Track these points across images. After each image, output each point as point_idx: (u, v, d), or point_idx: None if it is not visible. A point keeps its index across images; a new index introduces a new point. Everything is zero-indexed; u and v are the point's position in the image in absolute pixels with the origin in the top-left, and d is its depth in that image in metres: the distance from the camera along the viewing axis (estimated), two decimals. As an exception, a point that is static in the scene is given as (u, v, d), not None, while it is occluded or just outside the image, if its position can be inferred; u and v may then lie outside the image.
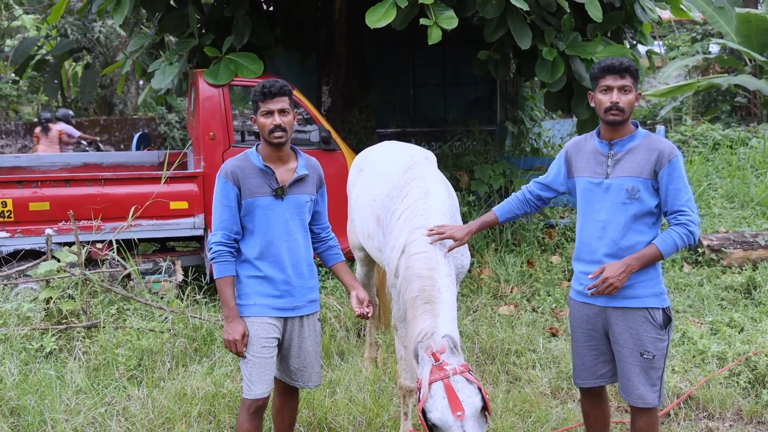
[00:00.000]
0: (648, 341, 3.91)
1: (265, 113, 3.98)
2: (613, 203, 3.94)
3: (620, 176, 3.92)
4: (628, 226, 3.91)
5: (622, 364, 3.98)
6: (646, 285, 3.95)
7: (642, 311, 3.93)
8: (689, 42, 21.91)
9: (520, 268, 8.48)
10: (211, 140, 7.93)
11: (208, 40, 8.60)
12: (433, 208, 4.44)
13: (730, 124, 18.60)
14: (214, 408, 5.24)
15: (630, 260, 3.87)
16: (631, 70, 3.89)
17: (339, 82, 10.16)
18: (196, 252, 8.49)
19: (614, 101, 3.87)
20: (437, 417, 3.59)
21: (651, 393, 3.95)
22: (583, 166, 4.08)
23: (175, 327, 6.45)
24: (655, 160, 3.86)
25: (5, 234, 7.44)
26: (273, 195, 4.02)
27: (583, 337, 4.15)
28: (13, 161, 9.24)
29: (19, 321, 6.36)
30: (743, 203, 11.39)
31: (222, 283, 4.02)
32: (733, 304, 7.58)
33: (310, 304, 4.19)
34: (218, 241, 4.01)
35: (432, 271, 4.13)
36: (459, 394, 3.61)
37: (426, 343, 3.79)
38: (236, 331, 3.96)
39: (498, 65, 8.66)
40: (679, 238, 3.85)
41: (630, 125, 4.00)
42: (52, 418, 4.98)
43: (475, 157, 10.51)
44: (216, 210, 4.04)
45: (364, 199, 5.28)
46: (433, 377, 3.67)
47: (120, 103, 19.04)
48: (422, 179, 4.62)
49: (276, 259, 4.04)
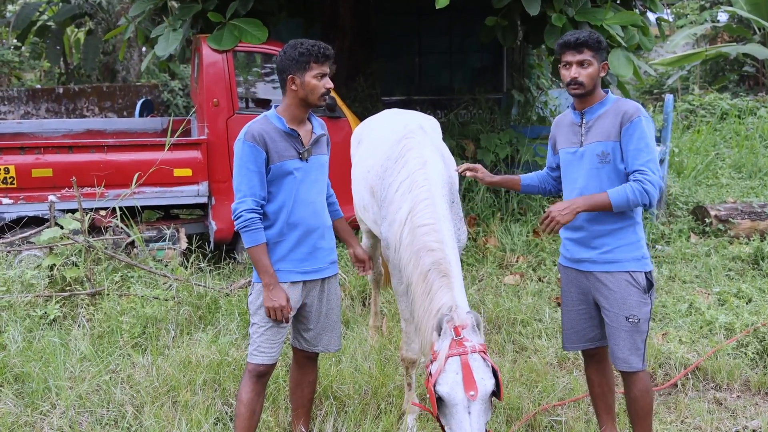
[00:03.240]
0: (633, 304, 4.00)
1: (319, 75, 3.88)
2: (588, 169, 4.06)
3: (592, 142, 4.05)
4: (603, 189, 3.98)
5: (609, 328, 4.07)
6: (627, 249, 4.04)
7: (624, 275, 4.02)
8: (698, 10, 21.67)
9: (525, 238, 8.43)
10: (214, 107, 7.85)
11: (211, 6, 8.48)
12: (433, 179, 4.37)
13: (739, 93, 18.47)
14: (218, 376, 5.22)
15: (577, 200, 3.97)
16: (588, 43, 4.01)
17: (344, 49, 10.05)
18: (200, 219, 8.45)
19: (573, 76, 4.04)
20: (446, 391, 3.52)
21: (635, 357, 4.02)
22: (563, 138, 4.25)
23: (179, 295, 6.42)
24: (619, 122, 3.98)
25: (8, 201, 7.41)
26: (299, 157, 3.95)
27: (572, 301, 4.26)
28: (15, 127, 9.18)
29: (23, 288, 6.33)
30: (751, 173, 11.33)
31: (257, 252, 3.90)
32: (741, 274, 7.54)
33: (331, 265, 4.16)
34: (249, 208, 3.86)
35: (441, 243, 4.07)
36: (474, 372, 3.54)
37: (450, 316, 3.71)
38: (280, 297, 3.88)
39: (505, 32, 8.56)
40: (632, 193, 3.87)
41: (599, 93, 4.13)
42: (57, 386, 4.96)
43: (481, 126, 10.43)
44: (242, 175, 3.88)
45: (359, 171, 5.22)
46: (451, 351, 3.59)
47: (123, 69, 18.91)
48: (418, 149, 4.53)
49: (300, 222, 3.97)
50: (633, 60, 8.03)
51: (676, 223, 9.08)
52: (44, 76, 21.65)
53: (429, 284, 3.94)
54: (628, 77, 8.34)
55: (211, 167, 7.89)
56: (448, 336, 3.64)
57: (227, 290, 6.67)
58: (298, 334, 4.21)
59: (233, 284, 6.88)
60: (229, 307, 6.34)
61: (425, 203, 4.23)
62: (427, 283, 3.95)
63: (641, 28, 8.37)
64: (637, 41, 8.28)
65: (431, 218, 4.17)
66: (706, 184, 10.98)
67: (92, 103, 15.89)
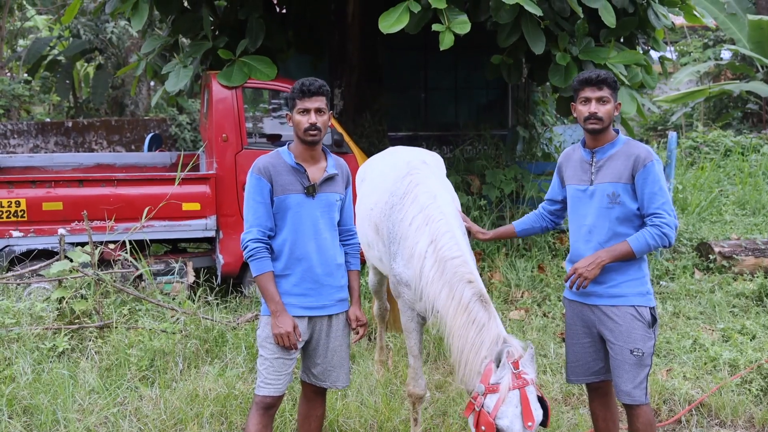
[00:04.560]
0: (638, 338, 4.07)
1: (301, 111, 3.99)
2: (597, 208, 4.14)
3: (602, 182, 4.13)
4: (612, 229, 4.10)
5: (613, 361, 4.13)
6: (632, 284, 4.13)
7: (630, 309, 4.10)
8: (701, 48, 21.87)
9: (530, 273, 8.47)
10: (223, 142, 7.95)
11: (221, 43, 8.62)
12: (447, 212, 4.47)
13: (742, 130, 18.55)
14: (225, 409, 5.25)
15: (601, 253, 4.07)
16: (608, 81, 4.11)
17: (351, 85, 10.18)
18: (208, 253, 8.51)
19: (592, 111, 4.10)
20: (506, 425, 3.68)
21: (639, 390, 4.08)
22: (571, 174, 4.31)
23: (186, 328, 6.46)
24: (632, 165, 4.06)
25: (18, 233, 7.48)
26: (304, 193, 4.03)
27: (577, 334, 4.31)
28: (26, 161, 9.29)
29: (32, 320, 6.39)
30: (755, 210, 11.37)
31: (263, 280, 4.00)
32: (745, 311, 7.56)
33: (339, 303, 4.20)
34: (254, 238, 3.99)
35: (473, 275, 4.19)
36: (531, 404, 3.71)
37: (509, 350, 3.82)
38: (287, 324, 3.95)
39: (511, 70, 8.67)
40: (651, 238, 4.01)
41: (611, 133, 4.21)
42: (65, 418, 5.00)
43: (486, 162, 10.51)
44: (249, 207, 4.02)
45: (362, 209, 5.28)
46: (513, 384, 3.73)
47: (131, 104, 19.09)
48: (425, 184, 4.63)
49: (304, 257, 4.04)
50: (636, 98, 8.13)
51: (680, 259, 9.12)
52: (53, 110, 21.84)
53: (472, 316, 4.02)
54: (631, 114, 8.45)
55: (219, 201, 7.97)
56: (507, 368, 3.76)
57: (234, 324, 6.71)
58: (306, 369, 4.25)
59: (240, 318, 6.92)
60: (236, 341, 6.37)
61: (448, 236, 4.31)
62: (469, 315, 4.02)
63: (644, 67, 8.49)
64: (640, 79, 8.41)
65: (458, 250, 4.26)
66: (710, 221, 11.03)
67: (101, 136, 16.01)
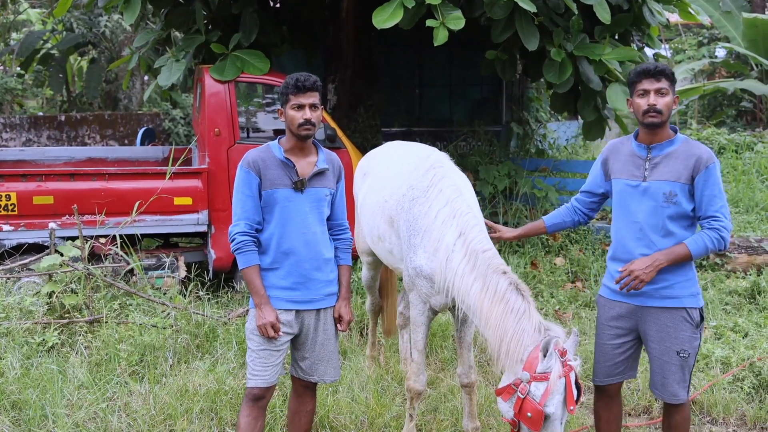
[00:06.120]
0: (685, 340, 4.01)
1: (295, 106, 3.98)
2: (651, 206, 4.01)
3: (658, 180, 3.99)
4: (665, 227, 3.98)
5: (658, 362, 4.06)
6: (685, 285, 4.04)
7: (681, 311, 4.02)
8: (696, 46, 21.89)
9: (523, 270, 8.45)
10: (216, 136, 7.91)
11: (214, 37, 8.58)
12: (473, 206, 4.50)
13: (736, 128, 18.57)
14: (215, 405, 5.22)
15: (658, 255, 3.94)
16: (666, 73, 3.97)
17: (345, 80, 10.14)
18: (199, 248, 8.47)
19: (651, 104, 3.95)
20: (552, 411, 3.74)
21: (682, 390, 4.06)
22: (620, 168, 4.15)
23: (177, 323, 6.43)
24: (693, 166, 3.94)
25: (8, 227, 7.43)
26: (293, 187, 4.02)
27: (610, 335, 4.20)
28: (17, 155, 9.23)
29: (22, 315, 6.35)
30: (748, 208, 11.37)
31: (249, 273, 4.03)
32: (738, 309, 7.56)
33: (327, 297, 4.19)
34: (241, 231, 4.01)
35: (506, 266, 4.19)
36: (573, 389, 3.79)
37: (556, 339, 3.85)
38: (269, 315, 3.97)
39: (505, 66, 8.65)
40: (710, 241, 3.93)
41: (668, 130, 4.07)
42: (54, 413, 4.97)
43: (480, 158, 10.50)
44: (238, 200, 4.04)
45: (371, 202, 5.24)
46: (561, 373, 3.78)
47: (125, 98, 19.01)
48: (450, 177, 4.62)
49: (292, 251, 4.04)
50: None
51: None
52: (46, 104, 21.74)
53: (510, 305, 4.01)
54: (626, 111, 8.43)
55: (211, 196, 7.92)
56: (555, 358, 3.78)
57: (225, 319, 6.68)
58: (295, 363, 4.24)
59: (231, 313, 6.89)
60: (227, 336, 6.34)
61: (477, 229, 4.32)
62: (507, 304, 4.01)
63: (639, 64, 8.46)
64: (634, 76, 8.37)
65: (489, 243, 4.29)
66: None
67: (94, 130, 15.94)
